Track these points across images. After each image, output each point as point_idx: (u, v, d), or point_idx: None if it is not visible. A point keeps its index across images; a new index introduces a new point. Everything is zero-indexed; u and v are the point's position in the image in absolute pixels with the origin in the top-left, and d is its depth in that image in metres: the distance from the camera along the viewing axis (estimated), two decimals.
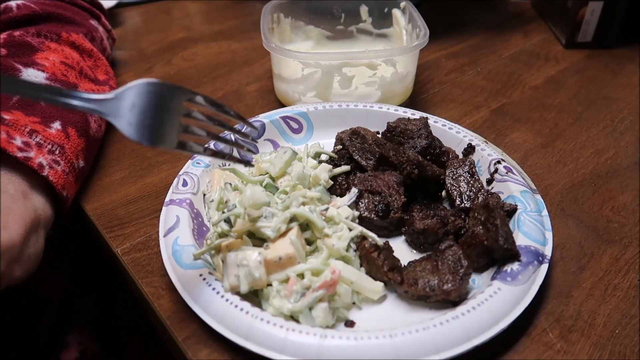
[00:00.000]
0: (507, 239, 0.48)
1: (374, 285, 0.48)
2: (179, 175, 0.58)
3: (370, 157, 0.60)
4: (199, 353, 0.45)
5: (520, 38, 0.95)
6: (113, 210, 0.59)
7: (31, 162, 0.51)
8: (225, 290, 0.46)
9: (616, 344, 0.46)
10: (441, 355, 0.42)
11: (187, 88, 0.44)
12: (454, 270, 0.47)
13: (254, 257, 0.46)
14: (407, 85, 0.74)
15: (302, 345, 0.42)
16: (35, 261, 0.49)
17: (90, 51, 0.69)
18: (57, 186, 0.53)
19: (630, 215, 0.59)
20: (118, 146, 0.68)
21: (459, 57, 0.89)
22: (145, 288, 0.51)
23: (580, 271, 0.53)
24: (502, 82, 0.82)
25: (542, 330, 0.47)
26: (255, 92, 0.80)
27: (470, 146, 0.62)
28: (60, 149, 0.55)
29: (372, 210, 0.54)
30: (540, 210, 0.54)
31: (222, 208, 0.55)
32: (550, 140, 0.70)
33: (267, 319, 0.44)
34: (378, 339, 0.42)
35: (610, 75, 0.84)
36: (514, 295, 0.46)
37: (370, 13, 0.84)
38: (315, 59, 0.70)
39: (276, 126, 0.66)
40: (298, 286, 0.46)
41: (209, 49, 0.92)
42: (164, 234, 0.52)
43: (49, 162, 0.53)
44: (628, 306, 0.49)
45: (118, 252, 0.54)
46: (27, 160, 0.51)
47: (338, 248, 0.49)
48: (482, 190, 0.56)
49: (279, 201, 0.53)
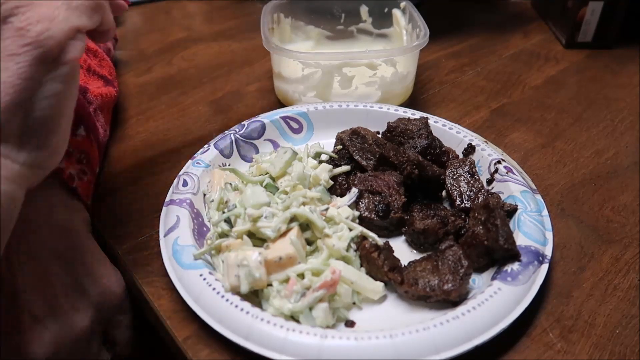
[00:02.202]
0: (508, 239, 0.48)
1: (374, 285, 0.48)
2: (179, 175, 0.58)
3: (370, 157, 0.60)
4: (199, 353, 0.45)
5: (520, 38, 0.95)
6: (113, 210, 0.59)
7: (63, 173, 0.50)
8: (225, 291, 0.46)
9: (616, 344, 0.46)
10: (441, 355, 0.42)
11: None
12: (454, 270, 0.47)
13: (254, 257, 0.46)
14: (407, 85, 0.74)
15: (303, 345, 0.42)
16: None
17: (95, 51, 0.69)
18: (84, 198, 0.53)
19: (630, 215, 0.59)
20: (118, 146, 0.68)
21: (459, 57, 0.89)
22: (145, 288, 0.51)
23: (581, 271, 0.53)
24: (502, 82, 0.82)
25: (542, 330, 0.47)
26: (255, 92, 0.80)
27: (470, 146, 0.62)
28: (86, 158, 0.54)
29: (372, 210, 0.54)
30: (541, 210, 0.54)
31: (222, 208, 0.55)
32: (550, 140, 0.70)
33: (267, 319, 0.44)
34: (378, 339, 0.42)
35: (610, 75, 0.84)
36: (514, 295, 0.46)
37: (370, 13, 0.84)
38: (316, 59, 0.70)
39: (276, 126, 0.66)
40: (298, 286, 0.46)
41: (209, 49, 0.92)
42: (164, 234, 0.52)
43: (78, 172, 0.52)
44: (628, 306, 0.49)
45: (118, 252, 0.54)
46: (60, 172, 0.50)
47: (338, 248, 0.49)
48: (482, 190, 0.56)
49: (279, 201, 0.53)
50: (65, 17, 0.37)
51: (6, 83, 0.35)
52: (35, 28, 0.35)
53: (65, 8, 0.37)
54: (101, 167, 0.64)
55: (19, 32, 0.35)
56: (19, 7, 0.35)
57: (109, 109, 0.68)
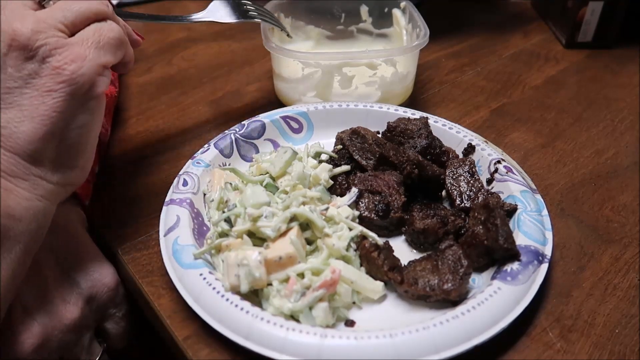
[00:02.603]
0: (507, 239, 0.48)
1: (374, 284, 0.48)
2: (179, 174, 0.58)
3: (370, 157, 0.60)
4: (199, 353, 0.45)
5: (520, 38, 0.95)
6: (113, 209, 0.59)
7: None
8: (225, 290, 0.46)
9: (616, 343, 0.46)
10: (441, 355, 0.42)
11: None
12: (454, 270, 0.47)
13: (254, 257, 0.46)
14: (407, 85, 0.74)
15: (303, 345, 0.42)
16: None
17: None
18: (83, 198, 0.53)
19: (630, 215, 0.59)
20: (119, 146, 0.68)
21: (459, 57, 0.89)
22: (146, 288, 0.51)
23: (580, 271, 0.53)
24: (502, 82, 0.82)
25: (542, 330, 0.47)
26: (255, 92, 0.80)
27: (470, 146, 0.62)
28: None
29: (372, 210, 0.54)
30: (540, 210, 0.54)
31: (222, 208, 0.55)
32: (550, 140, 0.70)
33: (267, 319, 0.44)
34: (378, 338, 0.42)
35: (610, 75, 0.84)
36: (514, 295, 0.46)
37: (371, 13, 0.84)
38: (316, 59, 0.70)
39: (276, 126, 0.66)
40: (298, 286, 0.46)
41: (209, 49, 0.91)
42: (164, 234, 0.52)
43: None
44: (628, 306, 0.49)
45: (118, 251, 0.54)
46: None
47: (338, 248, 0.49)
48: (482, 190, 0.56)
49: (279, 201, 0.53)
50: (94, 56, 0.42)
51: (44, 116, 0.40)
52: (69, 67, 0.41)
53: (95, 47, 0.42)
54: (101, 166, 0.64)
55: (55, 71, 0.40)
56: (56, 48, 0.41)
57: (109, 108, 0.68)
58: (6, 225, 0.40)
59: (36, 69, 0.40)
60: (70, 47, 0.41)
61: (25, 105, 0.40)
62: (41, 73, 0.40)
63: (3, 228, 0.40)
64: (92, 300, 0.51)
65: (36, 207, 0.42)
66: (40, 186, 0.42)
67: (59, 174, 0.44)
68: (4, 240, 0.40)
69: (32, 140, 0.41)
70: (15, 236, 0.41)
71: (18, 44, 0.40)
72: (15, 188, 0.41)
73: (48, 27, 0.41)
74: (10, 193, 0.40)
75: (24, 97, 0.40)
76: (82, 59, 0.41)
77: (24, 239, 0.42)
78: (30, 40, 0.40)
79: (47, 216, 0.44)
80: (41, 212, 0.43)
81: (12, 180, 0.41)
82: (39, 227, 0.43)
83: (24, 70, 0.40)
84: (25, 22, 0.40)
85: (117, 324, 0.54)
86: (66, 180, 0.45)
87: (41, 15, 0.41)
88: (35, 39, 0.40)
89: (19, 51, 0.40)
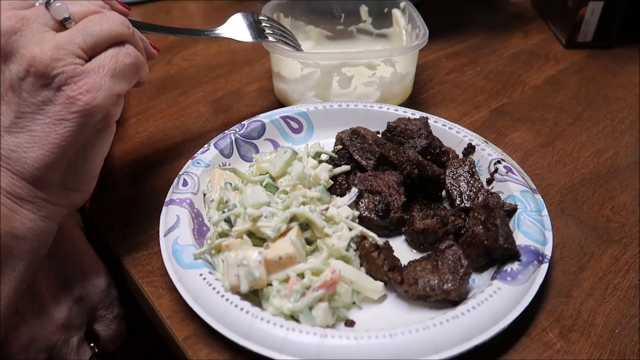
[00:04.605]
0: (507, 239, 0.48)
1: (374, 284, 0.48)
2: (179, 175, 0.58)
3: (370, 157, 0.60)
4: (199, 352, 0.45)
5: (520, 38, 0.95)
6: (113, 209, 0.59)
7: None
8: (225, 290, 0.46)
9: (616, 343, 0.46)
10: (441, 355, 0.42)
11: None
12: (454, 270, 0.47)
13: (254, 257, 0.46)
14: (407, 85, 0.74)
15: (302, 345, 0.42)
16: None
17: None
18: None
19: (630, 215, 0.59)
20: (119, 146, 0.68)
21: (459, 57, 0.89)
22: (146, 288, 0.51)
23: (580, 271, 0.53)
24: (502, 82, 0.82)
25: (542, 330, 0.47)
26: (255, 92, 0.80)
27: (470, 146, 0.62)
28: None
29: (372, 210, 0.54)
30: (540, 210, 0.54)
31: (222, 208, 0.55)
32: (550, 140, 0.70)
33: (267, 319, 0.44)
34: (378, 338, 0.42)
35: (610, 75, 0.84)
36: (514, 295, 0.46)
37: (370, 13, 0.84)
38: (315, 59, 0.70)
39: (276, 126, 0.66)
40: (298, 286, 0.46)
41: (209, 49, 0.92)
42: (164, 234, 0.52)
43: None
44: (628, 306, 0.49)
45: (118, 251, 0.54)
46: None
47: (338, 248, 0.49)
48: (482, 190, 0.56)
49: (279, 201, 0.53)
50: (109, 85, 0.42)
51: (53, 144, 0.41)
52: (84, 98, 0.41)
53: (110, 75, 0.42)
54: (101, 167, 0.64)
55: (69, 100, 0.40)
56: (72, 77, 0.41)
57: None
58: (10, 244, 0.41)
59: (51, 96, 0.40)
60: (86, 76, 0.41)
61: (36, 131, 0.40)
62: (55, 101, 0.40)
63: (7, 247, 0.41)
64: (82, 300, 0.51)
65: (39, 228, 0.43)
66: (45, 208, 0.43)
67: (64, 197, 0.45)
68: (8, 259, 0.41)
69: (39, 167, 0.41)
70: (18, 255, 0.42)
71: (36, 70, 0.40)
72: (20, 209, 0.42)
73: (67, 53, 0.41)
74: (15, 214, 0.41)
75: (36, 123, 0.40)
76: (97, 89, 0.41)
77: (27, 257, 0.42)
78: (48, 68, 0.40)
79: (50, 235, 0.45)
80: (44, 232, 0.44)
81: (17, 202, 0.42)
82: (41, 245, 0.44)
83: (39, 96, 0.40)
84: (44, 48, 0.40)
85: (108, 326, 0.54)
86: (70, 202, 0.46)
87: (61, 40, 0.41)
88: (53, 66, 0.40)
89: (35, 77, 0.40)
